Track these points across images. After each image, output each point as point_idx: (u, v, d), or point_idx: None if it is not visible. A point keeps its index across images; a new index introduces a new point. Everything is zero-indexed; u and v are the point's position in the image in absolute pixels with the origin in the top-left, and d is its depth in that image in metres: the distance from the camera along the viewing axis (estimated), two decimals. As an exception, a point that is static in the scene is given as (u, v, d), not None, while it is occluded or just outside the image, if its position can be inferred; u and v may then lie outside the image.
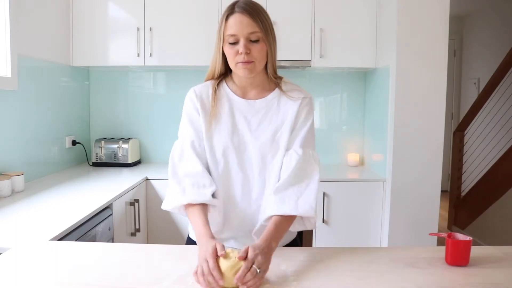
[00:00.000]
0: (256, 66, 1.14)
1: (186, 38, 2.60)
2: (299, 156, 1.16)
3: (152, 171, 2.60)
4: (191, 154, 1.18)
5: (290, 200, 1.11)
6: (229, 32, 1.11)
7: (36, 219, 1.54)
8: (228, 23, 1.12)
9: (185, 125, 1.23)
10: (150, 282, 0.93)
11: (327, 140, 2.98)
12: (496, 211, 3.35)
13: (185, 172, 1.17)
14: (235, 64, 1.14)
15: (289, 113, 1.19)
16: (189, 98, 1.23)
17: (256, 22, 1.11)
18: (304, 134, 1.19)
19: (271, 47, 1.16)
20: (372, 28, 2.61)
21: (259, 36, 1.11)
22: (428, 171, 2.34)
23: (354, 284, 0.94)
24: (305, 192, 1.14)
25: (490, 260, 1.07)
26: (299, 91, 1.23)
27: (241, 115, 1.20)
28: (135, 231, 2.22)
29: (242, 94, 1.22)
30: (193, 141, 1.20)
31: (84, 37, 2.62)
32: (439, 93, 2.31)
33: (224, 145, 1.18)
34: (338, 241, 2.46)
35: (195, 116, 1.21)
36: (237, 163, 1.18)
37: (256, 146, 1.18)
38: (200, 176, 1.15)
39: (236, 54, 1.12)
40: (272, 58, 1.18)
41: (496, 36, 4.31)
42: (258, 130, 1.19)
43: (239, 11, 1.11)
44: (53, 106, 2.47)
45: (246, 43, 1.11)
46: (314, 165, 1.19)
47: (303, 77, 2.96)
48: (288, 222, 1.11)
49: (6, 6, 1.97)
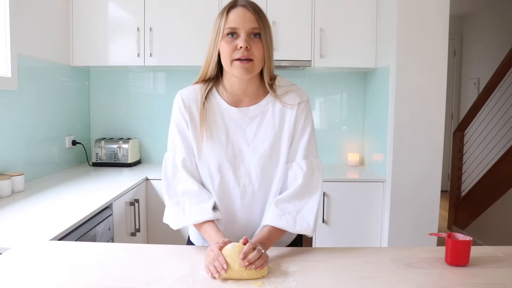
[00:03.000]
0: (254, 67, 1.07)
1: (186, 38, 2.60)
2: (304, 173, 1.13)
3: (152, 171, 2.60)
4: (184, 174, 1.15)
5: (289, 216, 1.10)
6: (229, 25, 1.05)
7: (36, 219, 1.54)
8: (229, 16, 1.06)
9: (175, 137, 1.17)
10: (150, 282, 0.93)
11: (327, 140, 2.98)
12: (496, 211, 3.35)
13: (182, 191, 1.15)
14: (231, 61, 1.06)
15: (287, 120, 1.14)
16: (177, 107, 1.17)
17: (259, 19, 1.06)
18: (305, 144, 1.15)
19: (269, 49, 1.09)
20: (372, 28, 2.61)
21: (261, 34, 1.06)
22: (428, 171, 2.34)
23: (354, 284, 0.94)
24: (305, 207, 1.12)
25: (490, 260, 1.07)
26: (295, 93, 1.16)
27: (235, 125, 1.13)
28: (135, 231, 2.22)
29: (234, 102, 1.15)
30: (184, 158, 1.15)
31: (84, 37, 2.62)
32: (439, 93, 2.31)
33: (219, 160, 1.13)
34: (338, 241, 2.46)
35: (185, 129, 1.15)
36: (233, 177, 1.14)
37: (255, 158, 1.13)
38: (197, 194, 1.14)
39: (234, 49, 1.05)
40: (270, 62, 1.11)
41: (496, 36, 4.31)
42: (255, 141, 1.13)
43: (242, 5, 1.07)
44: (53, 106, 2.47)
45: (247, 38, 1.05)
46: (317, 176, 1.16)
47: (303, 77, 2.96)
48: (281, 234, 1.11)
49: (6, 6, 1.97)
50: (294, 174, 1.15)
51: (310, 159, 1.16)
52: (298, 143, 1.15)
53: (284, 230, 1.10)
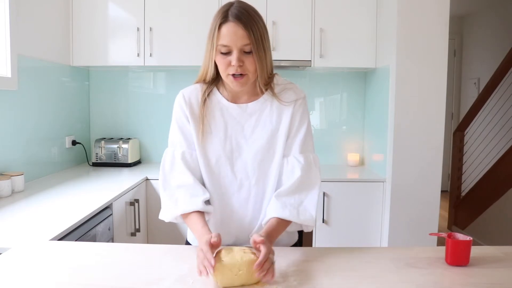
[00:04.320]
0: (249, 79, 1.10)
1: (186, 38, 2.60)
2: (302, 165, 1.15)
3: (152, 171, 2.59)
4: (181, 166, 1.17)
5: (291, 207, 1.11)
6: (221, 42, 1.06)
7: (36, 219, 1.54)
8: (221, 32, 1.06)
9: (175, 133, 1.20)
10: (150, 282, 0.93)
11: (327, 140, 2.98)
12: (496, 211, 3.35)
13: (176, 184, 1.17)
14: (226, 76, 1.10)
15: (283, 118, 1.17)
16: (178, 104, 1.20)
17: (250, 34, 1.05)
18: (301, 139, 1.17)
19: (262, 61, 1.09)
20: (372, 28, 2.61)
21: (252, 48, 1.06)
22: (428, 171, 2.34)
23: (354, 284, 0.94)
24: (305, 200, 1.14)
25: (490, 260, 1.07)
26: (291, 91, 1.18)
27: (233, 121, 1.17)
28: (135, 231, 2.22)
29: (233, 99, 1.18)
30: (183, 152, 1.18)
31: (84, 37, 2.62)
32: (439, 93, 2.31)
33: (217, 154, 1.16)
34: (338, 241, 2.46)
35: (185, 125, 1.19)
36: (231, 171, 1.17)
37: (252, 153, 1.16)
38: (191, 187, 1.15)
39: (228, 65, 1.07)
40: (263, 73, 1.11)
41: (496, 36, 4.31)
42: (252, 136, 1.16)
43: (233, 20, 1.05)
44: (53, 106, 2.47)
45: (239, 55, 1.06)
46: (315, 171, 1.18)
47: (303, 77, 2.95)
48: (286, 225, 1.12)
49: (6, 6, 1.97)
50: (291, 167, 1.16)
51: (306, 154, 1.18)
52: (294, 139, 1.18)
53: (288, 221, 1.11)
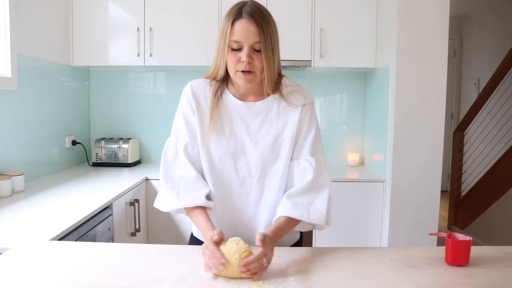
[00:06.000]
0: (256, 77, 1.11)
1: (186, 38, 2.60)
2: (314, 168, 1.16)
3: (152, 171, 2.59)
4: (184, 159, 1.18)
5: (302, 207, 1.12)
6: (234, 37, 1.07)
7: (36, 219, 1.54)
8: (234, 28, 1.07)
9: (179, 124, 1.20)
10: (150, 282, 0.93)
11: (327, 140, 2.94)
12: (496, 211, 3.35)
13: (179, 176, 1.17)
14: (235, 72, 1.11)
15: (290, 120, 1.17)
16: (185, 96, 1.20)
17: (261, 32, 1.07)
18: (311, 142, 1.18)
19: (270, 60, 1.10)
20: (372, 28, 2.61)
21: (262, 47, 1.08)
22: (428, 171, 2.34)
23: (354, 284, 0.94)
24: (316, 200, 1.15)
25: (490, 260, 1.07)
26: (300, 94, 1.19)
27: (239, 118, 1.17)
28: (135, 231, 2.22)
29: (241, 96, 1.19)
30: (186, 144, 1.18)
31: (84, 37, 2.62)
32: (439, 93, 2.31)
33: (221, 151, 1.17)
34: (338, 241, 2.46)
35: (190, 117, 1.19)
36: (233, 169, 1.17)
37: (256, 152, 1.16)
38: (194, 181, 1.16)
39: (238, 61, 1.09)
40: (270, 73, 1.12)
41: (496, 36, 4.31)
42: (257, 135, 1.17)
43: (247, 17, 1.07)
44: (53, 106, 2.47)
45: (249, 52, 1.08)
46: (325, 173, 1.19)
47: (303, 77, 2.95)
48: (294, 224, 1.13)
49: (6, 6, 1.97)
50: (303, 170, 1.17)
51: (317, 156, 1.19)
52: (304, 142, 1.18)
53: (297, 220, 1.12)
